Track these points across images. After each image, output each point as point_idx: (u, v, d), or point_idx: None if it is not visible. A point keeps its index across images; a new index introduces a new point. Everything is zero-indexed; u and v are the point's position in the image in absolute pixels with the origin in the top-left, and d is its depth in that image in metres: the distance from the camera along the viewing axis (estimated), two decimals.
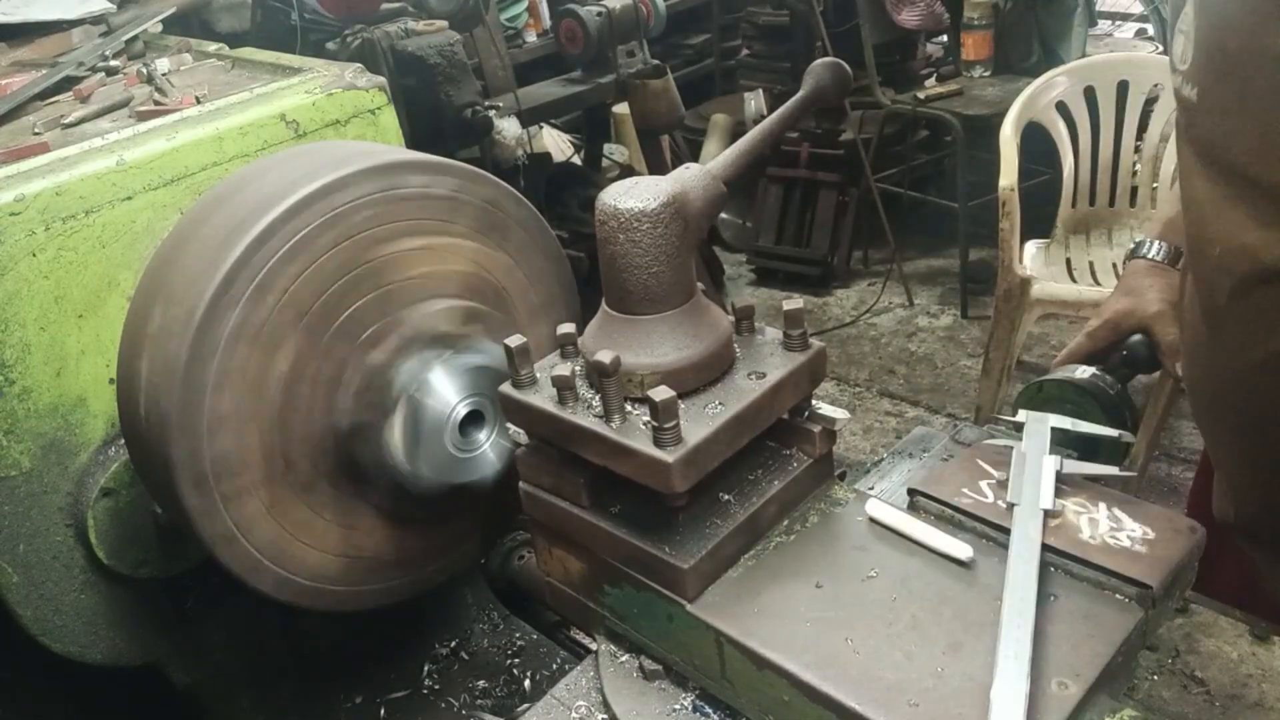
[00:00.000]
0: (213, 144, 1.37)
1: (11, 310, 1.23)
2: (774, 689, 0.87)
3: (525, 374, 0.99)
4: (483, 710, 1.44)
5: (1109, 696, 0.84)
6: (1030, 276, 3.09)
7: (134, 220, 1.30)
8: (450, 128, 2.98)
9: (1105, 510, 0.96)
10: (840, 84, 1.04)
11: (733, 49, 5.53)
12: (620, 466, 0.92)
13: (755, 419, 0.95)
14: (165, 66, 1.69)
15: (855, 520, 1.01)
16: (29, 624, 1.37)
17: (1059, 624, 0.86)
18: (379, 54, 2.85)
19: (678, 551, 0.93)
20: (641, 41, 3.68)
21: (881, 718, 0.80)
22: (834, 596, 0.92)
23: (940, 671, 0.83)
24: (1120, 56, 3.80)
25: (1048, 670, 0.81)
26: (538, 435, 1.02)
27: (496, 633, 1.58)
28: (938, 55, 4.91)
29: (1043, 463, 1.01)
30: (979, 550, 0.94)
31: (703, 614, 0.92)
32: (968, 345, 4.01)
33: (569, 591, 1.09)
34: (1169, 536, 0.93)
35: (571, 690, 1.05)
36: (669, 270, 0.93)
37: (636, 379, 0.93)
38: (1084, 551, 0.92)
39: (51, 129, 1.49)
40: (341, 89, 1.47)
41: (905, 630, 0.88)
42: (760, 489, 1.00)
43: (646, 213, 0.91)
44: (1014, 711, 0.76)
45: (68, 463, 1.32)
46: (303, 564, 1.21)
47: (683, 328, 0.94)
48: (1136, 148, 3.37)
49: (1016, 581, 0.87)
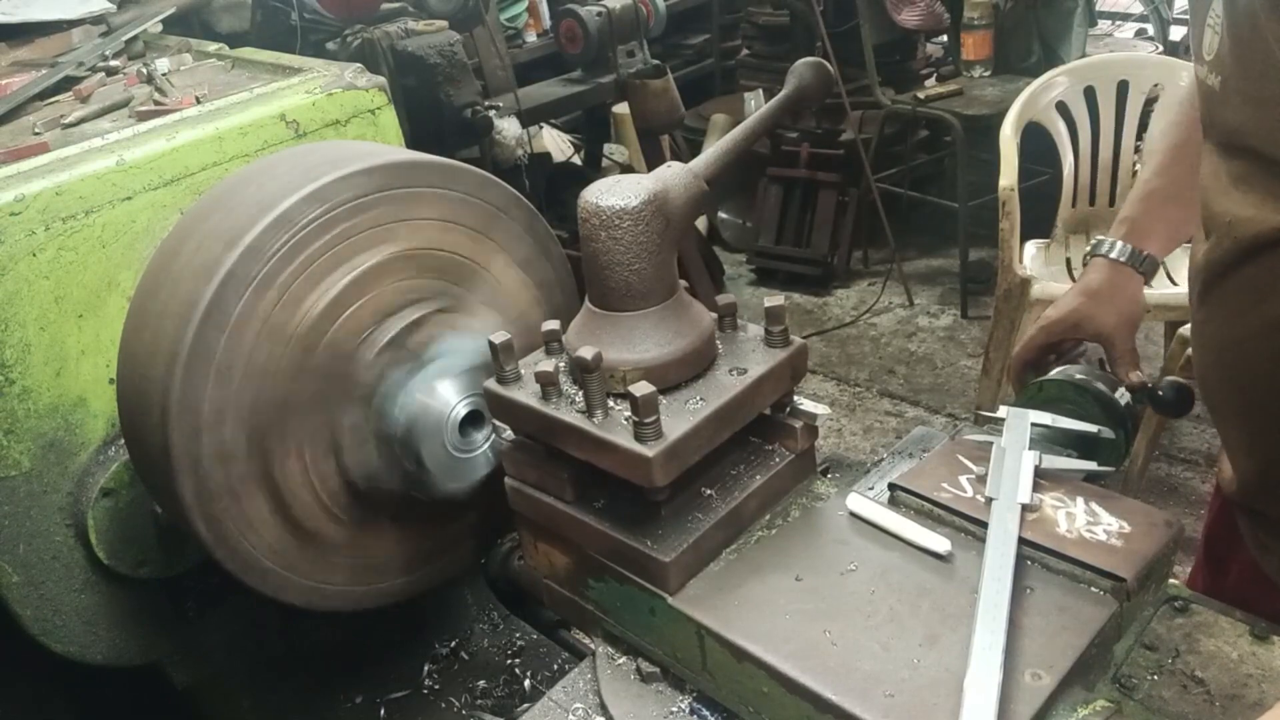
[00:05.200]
0: (213, 144, 1.37)
1: (11, 310, 1.23)
2: (754, 680, 0.89)
3: (510, 370, 1.01)
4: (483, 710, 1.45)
5: (1083, 688, 0.85)
6: (1030, 276, 3.09)
7: (134, 220, 1.31)
8: (450, 128, 3.00)
9: (1083, 504, 0.98)
10: (822, 83, 1.06)
11: (733, 49, 5.53)
12: (602, 461, 0.93)
13: (736, 414, 0.96)
14: (165, 66, 1.69)
15: (836, 514, 1.02)
16: (29, 624, 1.37)
17: (1034, 616, 0.88)
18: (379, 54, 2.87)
19: (660, 545, 0.95)
20: (641, 41, 3.69)
21: (858, 708, 0.81)
22: (813, 589, 0.93)
23: (917, 663, 0.84)
24: (1120, 56, 3.79)
25: (1022, 661, 0.83)
26: (522, 431, 1.04)
27: (496, 633, 1.58)
28: (938, 55, 4.91)
29: (1021, 458, 1.02)
30: (957, 544, 0.95)
31: (684, 607, 0.93)
32: (968, 345, 4.02)
33: (563, 591, 1.11)
34: (1145, 530, 0.94)
35: (569, 692, 1.06)
36: (650, 267, 0.94)
37: (618, 374, 0.94)
38: (1060, 545, 0.93)
39: (51, 129, 1.49)
40: (341, 89, 1.47)
41: (883, 622, 0.89)
42: (742, 483, 1.01)
43: (628, 210, 0.92)
44: (986, 701, 0.78)
45: (68, 463, 1.33)
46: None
47: (664, 324, 0.96)
48: (1136, 148, 3.37)
49: (993, 574, 0.89)
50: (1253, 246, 0.97)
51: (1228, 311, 1.06)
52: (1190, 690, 0.87)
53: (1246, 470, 1.15)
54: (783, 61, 5.02)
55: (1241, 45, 0.92)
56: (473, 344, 1.21)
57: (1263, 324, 1.00)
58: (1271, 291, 0.98)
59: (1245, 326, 1.03)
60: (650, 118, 3.65)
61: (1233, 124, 0.98)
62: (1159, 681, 0.89)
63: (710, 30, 5.58)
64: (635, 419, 0.88)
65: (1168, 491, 3.15)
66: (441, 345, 1.21)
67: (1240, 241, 0.98)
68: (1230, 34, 0.94)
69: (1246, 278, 1.00)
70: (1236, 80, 0.94)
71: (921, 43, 4.66)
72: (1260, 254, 0.97)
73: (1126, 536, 0.93)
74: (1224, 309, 1.06)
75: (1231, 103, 0.96)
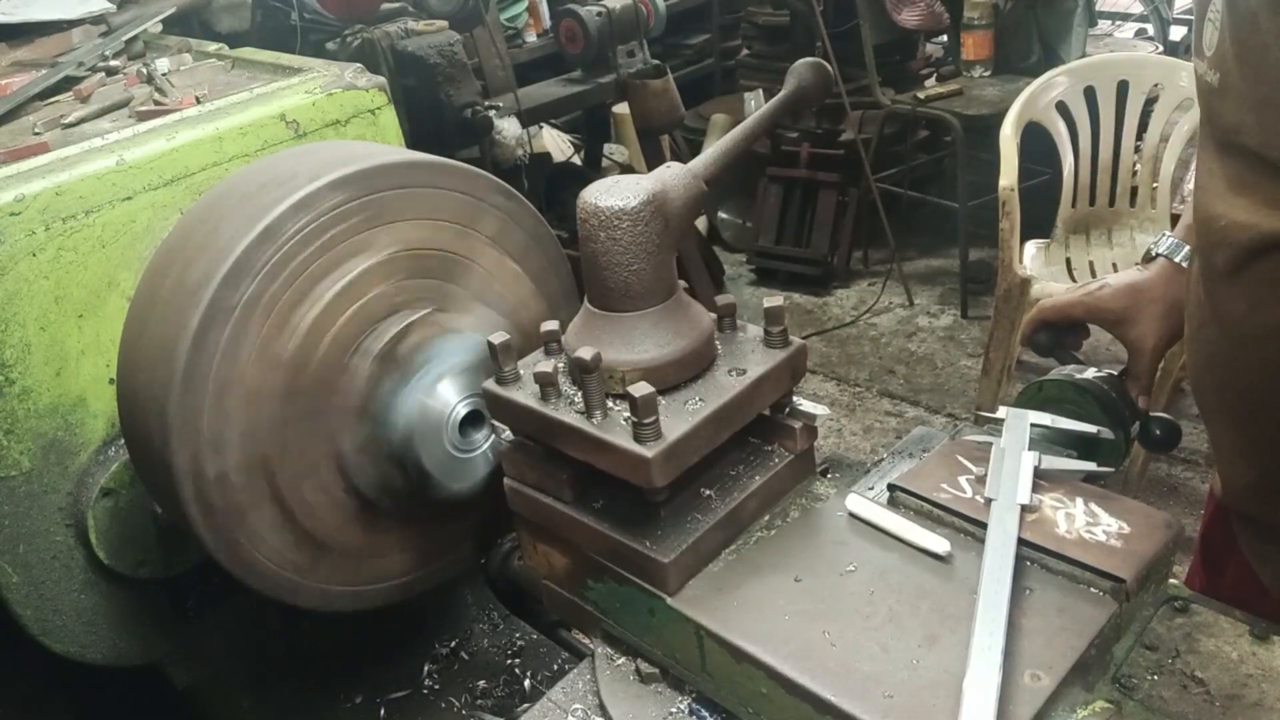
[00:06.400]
0: (213, 144, 1.37)
1: (11, 310, 1.23)
2: (753, 681, 0.89)
3: (509, 370, 1.01)
4: (483, 710, 1.45)
5: (1082, 688, 0.85)
6: (1030, 276, 3.09)
7: (134, 220, 1.31)
8: (450, 128, 3.00)
9: (1082, 505, 0.98)
10: (822, 83, 1.05)
11: (733, 49, 5.53)
12: (601, 462, 0.93)
13: (735, 415, 0.96)
14: (165, 66, 1.70)
15: (835, 515, 1.02)
16: (29, 624, 1.37)
17: (1034, 617, 0.88)
18: (379, 54, 2.88)
19: (659, 546, 0.94)
20: (641, 41, 3.69)
21: (857, 709, 0.81)
22: (813, 590, 0.93)
23: (916, 664, 0.84)
24: (1120, 56, 3.80)
25: (1021, 662, 0.83)
26: (522, 431, 1.04)
27: (496, 633, 1.58)
28: (938, 55, 4.91)
29: (1021, 458, 1.02)
30: (957, 545, 0.95)
31: (683, 607, 0.93)
32: (968, 345, 4.02)
33: (562, 592, 1.11)
34: (1144, 531, 0.94)
35: (568, 693, 1.05)
36: (649, 268, 0.94)
37: (617, 375, 0.94)
38: (1060, 546, 0.93)
39: (51, 129, 1.50)
40: (341, 89, 1.47)
41: (882, 623, 0.89)
42: (741, 484, 1.01)
43: (626, 210, 0.92)
44: (985, 702, 0.78)
45: (68, 463, 1.33)
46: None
47: (663, 325, 0.96)
48: (1136, 148, 3.37)
49: (992, 575, 0.89)
50: (1249, 252, 0.96)
51: (1223, 317, 1.04)
52: (1190, 690, 0.87)
53: (1241, 477, 1.14)
54: (783, 61, 5.01)
55: (1241, 43, 0.91)
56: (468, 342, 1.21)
57: (1258, 331, 0.99)
58: (1267, 298, 0.97)
59: (1241, 333, 1.02)
60: (650, 118, 3.65)
61: (1230, 123, 0.96)
62: (1159, 681, 0.88)
63: (710, 30, 5.58)
64: (634, 420, 0.88)
65: (1168, 491, 3.16)
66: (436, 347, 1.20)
67: (1236, 247, 0.97)
68: (1231, 31, 0.92)
69: (1242, 284, 0.99)
70: (1235, 78, 0.93)
71: (921, 43, 4.66)
72: (1256, 260, 0.96)
73: (1126, 537, 0.93)
74: (1219, 315, 1.05)
75: (1230, 101, 0.95)
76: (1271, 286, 0.96)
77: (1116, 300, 1.23)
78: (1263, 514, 1.14)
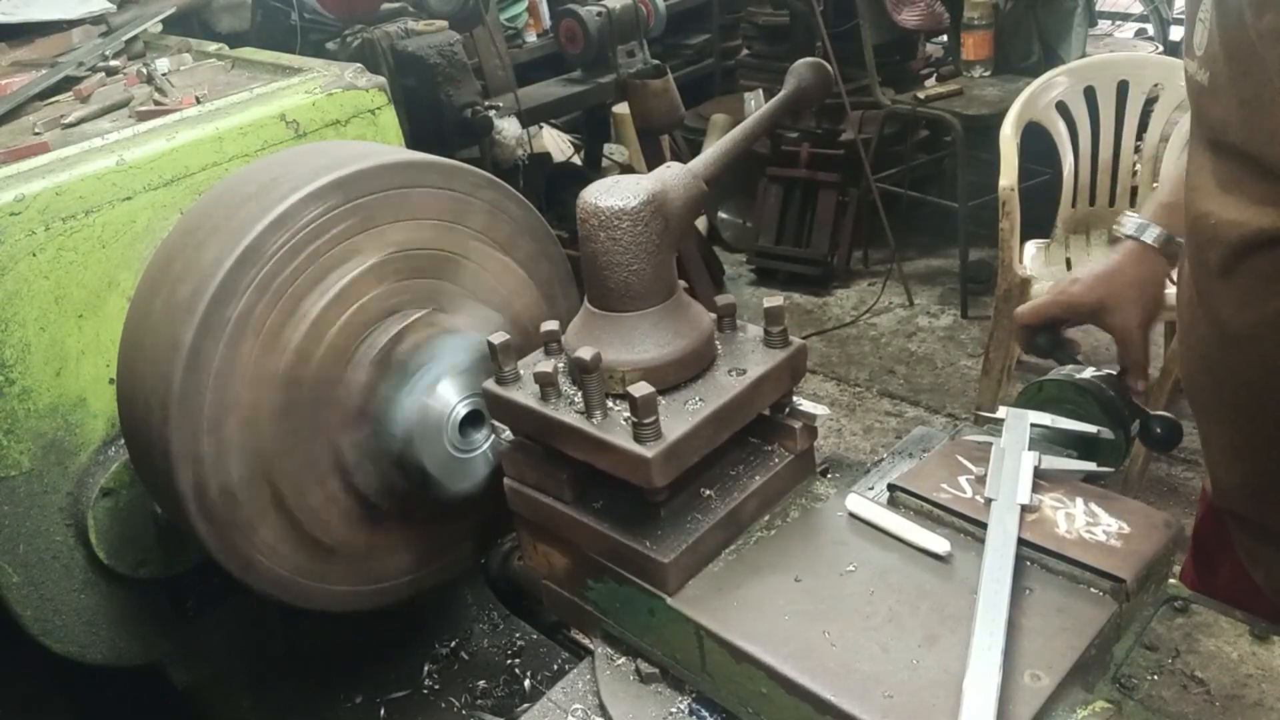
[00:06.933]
0: (213, 144, 1.37)
1: (11, 310, 1.24)
2: (753, 681, 0.89)
3: (509, 370, 1.01)
4: (483, 710, 1.45)
5: (1082, 688, 0.85)
6: (1030, 276, 3.09)
7: (134, 220, 1.31)
8: (450, 128, 3.00)
9: (1082, 505, 0.98)
10: (822, 83, 1.05)
11: (733, 49, 5.53)
12: (601, 462, 0.93)
13: (735, 415, 0.96)
14: (165, 66, 1.70)
15: (835, 515, 1.02)
16: (29, 624, 1.37)
17: (1034, 617, 0.88)
18: (379, 54, 2.88)
19: (659, 546, 0.95)
20: (641, 41, 3.69)
21: (857, 709, 0.81)
22: (813, 590, 0.93)
23: (916, 663, 0.84)
24: (1120, 56, 3.79)
25: (1021, 662, 0.83)
26: (522, 431, 1.04)
27: (496, 633, 1.59)
28: (938, 55, 4.91)
29: (1021, 458, 1.02)
30: (957, 545, 0.95)
31: (683, 607, 0.93)
32: (968, 345, 4.02)
33: (562, 592, 1.11)
34: (1144, 531, 0.94)
35: (568, 693, 1.06)
36: (649, 268, 0.94)
37: (617, 375, 0.94)
38: (1060, 546, 0.93)
39: (51, 129, 1.50)
40: (341, 89, 1.48)
41: (882, 623, 0.89)
42: (741, 484, 1.01)
43: (626, 211, 0.92)
44: (985, 702, 0.78)
45: (68, 463, 1.33)
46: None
47: (663, 325, 0.96)
48: (1136, 148, 3.37)
49: (992, 575, 0.89)
50: (1240, 249, 0.96)
51: (1215, 316, 1.04)
52: (1190, 690, 0.87)
53: (1233, 476, 1.14)
54: (783, 61, 5.01)
55: (1230, 43, 0.92)
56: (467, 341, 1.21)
57: (1250, 328, 0.99)
58: (1259, 295, 0.97)
59: (1232, 331, 1.01)
60: (650, 118, 3.65)
61: (1219, 121, 0.96)
62: (1159, 681, 0.89)
63: (710, 30, 5.58)
64: (634, 420, 0.89)
65: (1168, 491, 3.16)
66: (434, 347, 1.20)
67: (1227, 244, 0.97)
68: (1220, 30, 0.93)
69: (1234, 281, 0.99)
70: (1224, 77, 0.93)
71: (921, 43, 4.66)
72: (1246, 258, 0.96)
73: (1126, 537, 0.93)
74: (1211, 313, 1.04)
75: (1219, 100, 0.95)
76: (1263, 283, 0.96)
77: (1091, 292, 1.23)
78: (1254, 514, 1.14)
